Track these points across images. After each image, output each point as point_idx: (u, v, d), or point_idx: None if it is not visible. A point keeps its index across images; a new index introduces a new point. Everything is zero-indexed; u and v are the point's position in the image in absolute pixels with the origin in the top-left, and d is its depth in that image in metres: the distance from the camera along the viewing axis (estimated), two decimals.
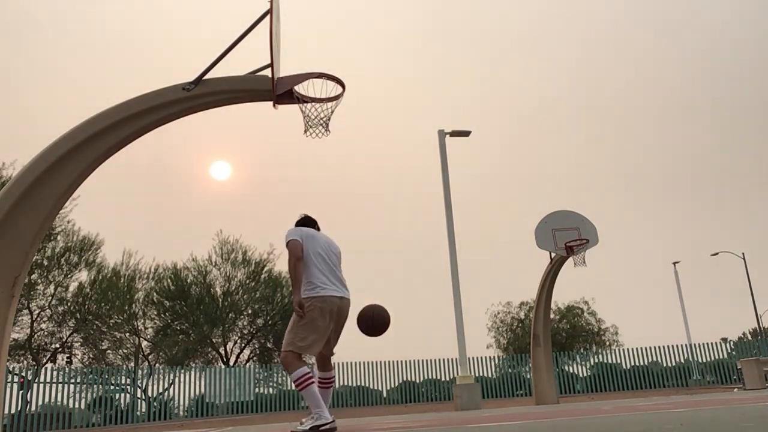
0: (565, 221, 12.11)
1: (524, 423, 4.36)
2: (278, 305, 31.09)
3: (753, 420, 3.34)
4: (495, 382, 28.22)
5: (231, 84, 5.30)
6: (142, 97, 5.17)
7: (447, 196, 12.88)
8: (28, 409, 20.12)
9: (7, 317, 4.68)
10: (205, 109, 5.41)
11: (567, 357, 29.79)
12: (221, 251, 31.12)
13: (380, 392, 27.14)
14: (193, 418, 23.41)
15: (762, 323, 37.77)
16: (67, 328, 26.50)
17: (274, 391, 26.17)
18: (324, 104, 5.32)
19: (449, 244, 12.63)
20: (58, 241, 25.10)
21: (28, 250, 4.79)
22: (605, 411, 5.61)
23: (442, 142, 13.30)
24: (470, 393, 11.36)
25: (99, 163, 5.14)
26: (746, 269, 33.95)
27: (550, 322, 12.50)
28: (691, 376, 27.91)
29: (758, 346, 29.52)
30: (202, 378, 24.49)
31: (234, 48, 5.22)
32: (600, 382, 28.02)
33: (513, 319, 40.49)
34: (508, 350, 38.27)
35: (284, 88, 5.23)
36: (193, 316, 29.63)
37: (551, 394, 11.85)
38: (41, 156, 4.91)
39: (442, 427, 4.46)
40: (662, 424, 3.42)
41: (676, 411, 4.82)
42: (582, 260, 12.02)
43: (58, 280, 25.46)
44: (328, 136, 5.42)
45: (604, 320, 39.82)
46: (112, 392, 23.52)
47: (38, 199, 4.84)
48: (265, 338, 31.71)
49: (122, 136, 5.12)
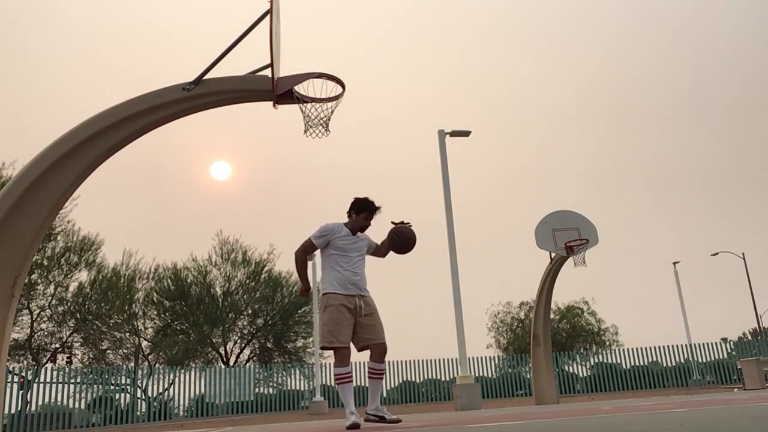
0: (565, 221, 12.10)
1: (524, 423, 4.36)
2: (278, 305, 31.09)
3: (753, 420, 3.34)
4: (495, 382, 28.21)
5: (231, 84, 5.30)
6: (142, 97, 5.17)
7: (447, 196, 12.88)
8: (28, 409, 20.12)
9: (7, 317, 4.68)
10: (205, 109, 5.42)
11: (567, 357, 29.80)
12: (221, 251, 31.15)
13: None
14: (193, 418, 23.41)
15: (762, 323, 37.77)
16: (67, 328, 26.51)
17: (274, 391, 26.17)
18: (324, 104, 5.32)
19: (449, 244, 12.62)
20: (58, 241, 25.10)
21: (28, 250, 4.79)
22: (605, 411, 5.61)
23: (442, 142, 13.30)
24: (470, 393, 11.36)
25: (99, 163, 5.14)
26: (746, 269, 33.96)
27: (550, 322, 12.50)
28: (691, 376, 27.90)
29: (758, 346, 29.53)
30: (202, 378, 24.51)
31: (234, 48, 5.22)
32: (600, 382, 28.03)
33: (513, 319, 40.49)
34: (508, 350, 38.26)
35: (284, 88, 5.23)
36: (193, 316, 29.63)
37: (551, 394, 11.85)
38: (41, 156, 4.91)
39: (442, 427, 4.46)
40: (662, 424, 3.42)
41: (676, 411, 4.82)
42: (582, 260, 12.02)
43: (58, 280, 25.47)
44: (328, 136, 5.43)
45: (604, 320, 39.84)
46: (112, 392, 23.53)
47: (38, 199, 4.84)
48: (265, 338, 31.71)
49: (122, 136, 5.12)
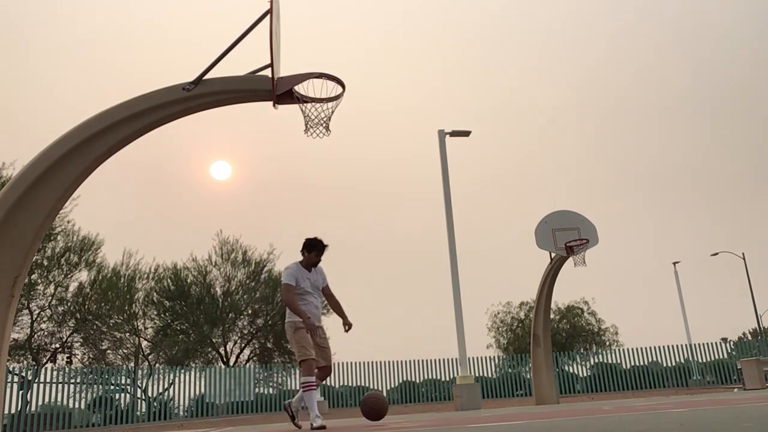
0: (565, 221, 12.10)
1: (524, 423, 4.36)
2: (278, 305, 31.07)
3: (753, 420, 3.34)
4: (495, 382, 28.21)
5: (231, 84, 5.30)
6: (142, 98, 5.17)
7: (447, 196, 12.88)
8: (28, 409, 20.12)
9: (7, 317, 4.68)
10: (205, 109, 5.41)
11: (567, 357, 29.80)
12: (221, 251, 31.12)
13: (380, 392, 27.15)
14: (193, 418, 23.41)
15: (762, 323, 37.77)
16: (67, 328, 26.50)
17: (274, 391, 26.17)
18: (324, 104, 5.32)
19: (449, 244, 12.63)
20: (58, 241, 25.09)
21: (28, 250, 4.79)
22: (605, 411, 5.61)
23: (442, 142, 13.30)
24: (470, 393, 11.36)
25: (99, 163, 5.14)
26: (746, 269, 33.97)
27: (550, 322, 12.50)
28: (691, 376, 27.90)
29: (758, 346, 29.52)
30: (202, 378, 24.50)
31: (234, 48, 5.22)
32: (600, 382, 28.02)
33: (513, 319, 40.48)
34: (508, 350, 38.25)
35: (284, 88, 5.23)
36: (193, 316, 29.63)
37: (551, 394, 11.85)
38: (41, 156, 4.91)
39: (442, 427, 4.46)
40: (662, 424, 3.42)
41: (676, 411, 4.82)
42: (582, 260, 12.01)
43: (58, 280, 25.45)
44: (328, 136, 5.43)
45: (604, 320, 39.84)
46: (112, 392, 23.52)
47: (38, 199, 4.84)
48: (265, 338, 31.69)
49: (122, 136, 5.12)
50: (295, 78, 5.26)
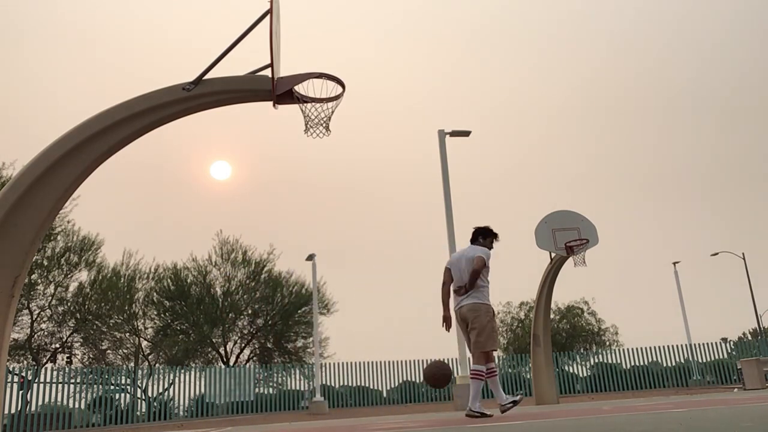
0: (565, 221, 12.09)
1: (524, 423, 4.36)
2: (278, 305, 31.08)
3: (753, 420, 3.34)
4: None
5: (231, 84, 5.30)
6: (142, 97, 5.17)
7: (447, 195, 12.88)
8: (28, 409, 20.13)
9: (7, 317, 4.68)
10: (205, 109, 5.41)
11: (567, 357, 29.79)
12: (221, 251, 31.12)
13: (380, 392, 27.14)
14: (193, 418, 23.41)
15: (762, 323, 37.77)
16: (67, 328, 26.50)
17: (274, 391, 26.17)
18: (324, 104, 5.32)
19: (449, 243, 12.63)
20: (58, 241, 25.09)
21: (28, 250, 4.79)
22: (605, 411, 5.60)
23: (442, 141, 13.30)
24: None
25: (99, 163, 5.14)
26: (746, 269, 33.96)
27: (550, 322, 12.49)
28: (691, 376, 27.88)
29: (758, 346, 29.51)
30: (202, 378, 24.50)
31: (234, 48, 5.22)
32: (600, 382, 28.02)
33: (513, 319, 40.48)
34: (508, 350, 38.25)
35: (284, 88, 5.23)
36: (193, 316, 29.63)
37: (551, 394, 11.84)
38: (41, 156, 4.91)
39: (442, 427, 4.46)
40: (662, 424, 3.42)
41: (676, 411, 4.82)
42: (582, 260, 12.00)
43: (58, 280, 25.45)
44: (328, 136, 5.43)
45: (604, 320, 39.83)
46: (112, 392, 23.52)
47: (38, 199, 4.83)
48: (265, 338, 31.69)
49: (122, 136, 5.12)
50: (295, 78, 5.26)
